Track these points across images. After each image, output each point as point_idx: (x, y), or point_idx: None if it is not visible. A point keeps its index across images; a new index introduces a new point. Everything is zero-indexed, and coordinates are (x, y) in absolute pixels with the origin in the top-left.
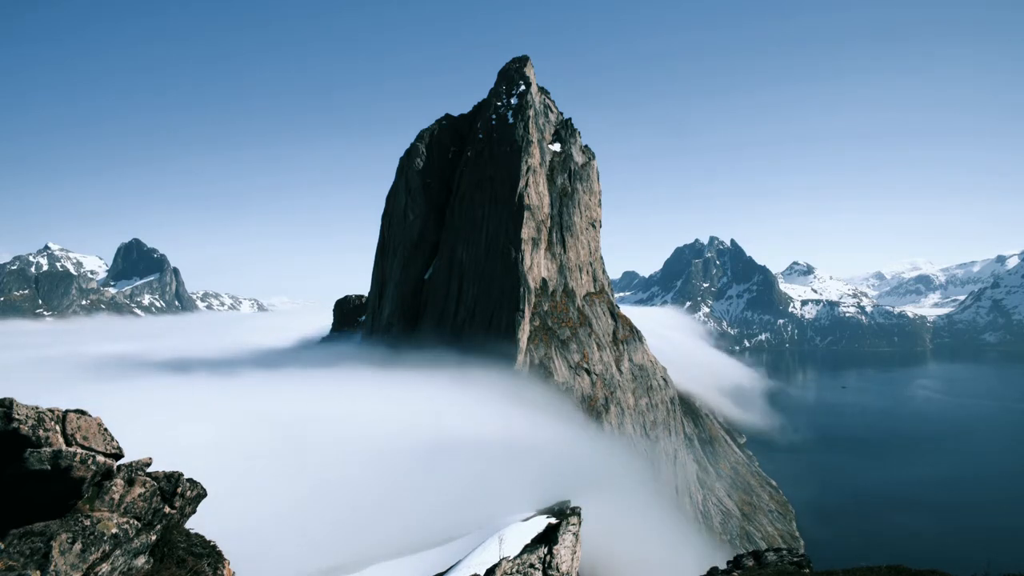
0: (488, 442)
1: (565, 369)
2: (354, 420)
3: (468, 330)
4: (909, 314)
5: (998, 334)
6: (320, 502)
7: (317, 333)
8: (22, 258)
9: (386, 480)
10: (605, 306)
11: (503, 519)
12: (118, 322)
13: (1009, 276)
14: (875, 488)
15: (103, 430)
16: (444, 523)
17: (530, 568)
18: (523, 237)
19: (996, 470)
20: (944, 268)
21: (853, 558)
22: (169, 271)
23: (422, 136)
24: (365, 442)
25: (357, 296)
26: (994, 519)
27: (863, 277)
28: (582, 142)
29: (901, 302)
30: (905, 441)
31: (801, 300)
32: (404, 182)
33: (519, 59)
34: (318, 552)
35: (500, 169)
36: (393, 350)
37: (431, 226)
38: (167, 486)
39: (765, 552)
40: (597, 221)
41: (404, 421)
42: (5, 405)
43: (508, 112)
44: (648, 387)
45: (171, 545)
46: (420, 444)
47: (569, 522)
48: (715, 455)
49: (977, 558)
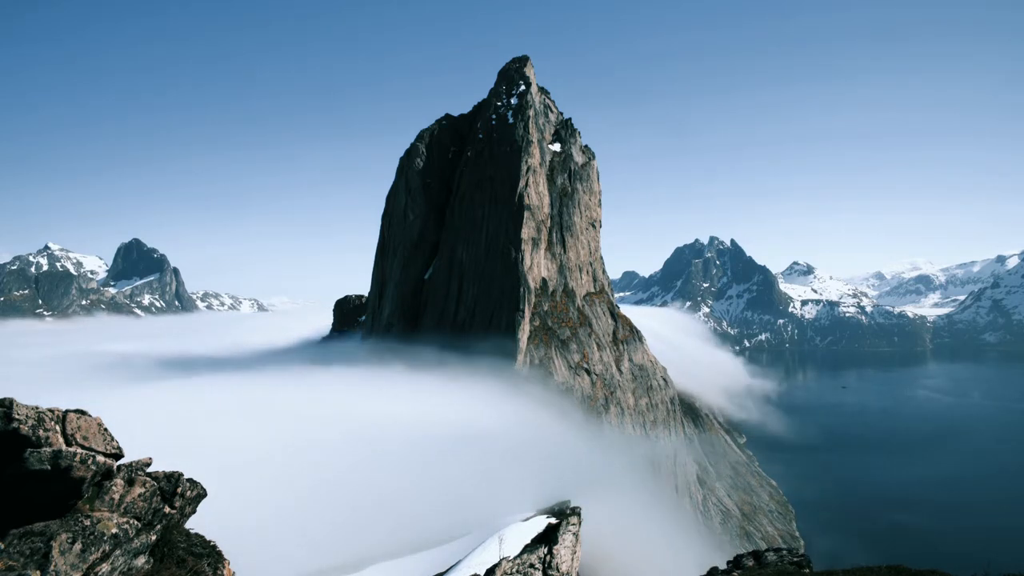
0: (488, 442)
1: (565, 369)
2: (354, 420)
3: (468, 330)
4: (909, 314)
5: (998, 334)
6: (320, 502)
7: (317, 333)
8: (22, 258)
9: (386, 480)
10: (605, 306)
11: (503, 519)
12: (118, 322)
13: (1009, 276)
14: (875, 488)
15: (103, 430)
16: (444, 523)
17: (530, 568)
18: (523, 237)
19: (996, 470)
20: (944, 268)
21: (853, 558)
22: (169, 271)
23: (422, 136)
24: (365, 442)
25: (357, 296)
26: (994, 519)
27: (863, 277)
28: (582, 142)
29: (901, 302)
30: (905, 441)
31: (801, 300)
32: (404, 182)
33: (519, 59)
34: (318, 552)
35: (500, 169)
36: (393, 350)
37: (431, 226)
38: (167, 486)
39: (765, 552)
40: (597, 221)
41: (404, 421)
42: (5, 405)
43: (508, 112)
44: (648, 387)
45: (171, 545)
46: (420, 444)
47: (569, 522)
48: (715, 455)
49: (977, 558)
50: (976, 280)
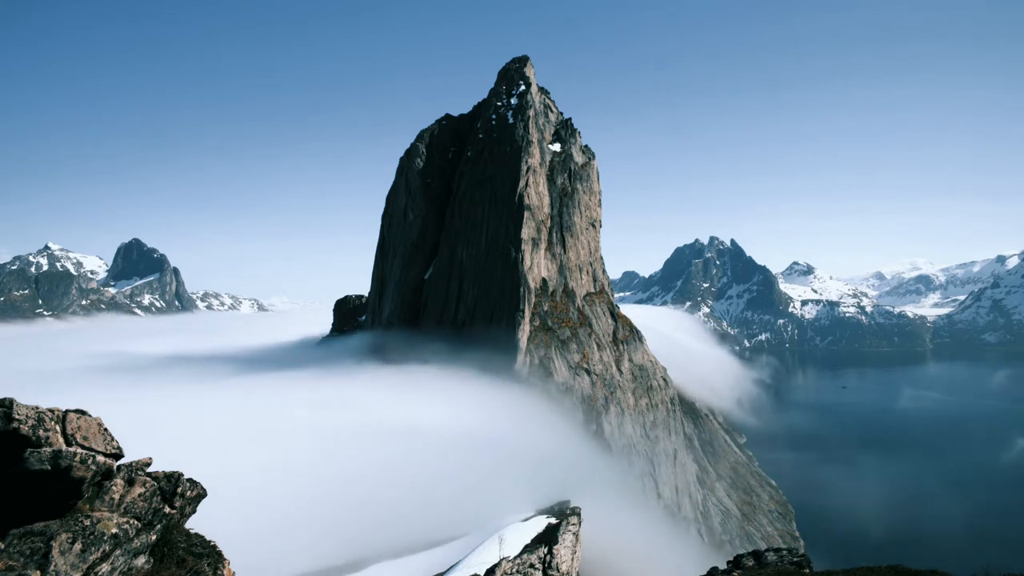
0: (487, 443)
1: (565, 369)
2: (353, 421)
3: (468, 330)
4: (909, 314)
5: (998, 334)
6: (320, 502)
7: (317, 333)
8: (22, 258)
9: (385, 480)
10: (605, 306)
11: (503, 519)
12: (118, 322)
13: (1009, 276)
14: (875, 488)
15: (103, 430)
16: (444, 523)
17: (530, 568)
18: (523, 237)
19: (996, 470)
20: (944, 268)
21: (853, 558)
22: (169, 271)
23: (422, 136)
24: (364, 442)
25: (357, 296)
26: (994, 519)
27: (863, 277)
28: (582, 142)
29: (901, 302)
30: (905, 441)
31: (801, 300)
32: (404, 182)
33: (519, 59)
34: (318, 552)
35: (500, 169)
36: (392, 350)
37: (431, 226)
38: (167, 486)
39: (765, 552)
40: (597, 221)
41: (404, 421)
42: (5, 405)
43: (508, 112)
44: (648, 387)
45: (171, 545)
46: (420, 444)
47: (569, 522)
48: (715, 455)
49: (977, 558)
50: (976, 280)
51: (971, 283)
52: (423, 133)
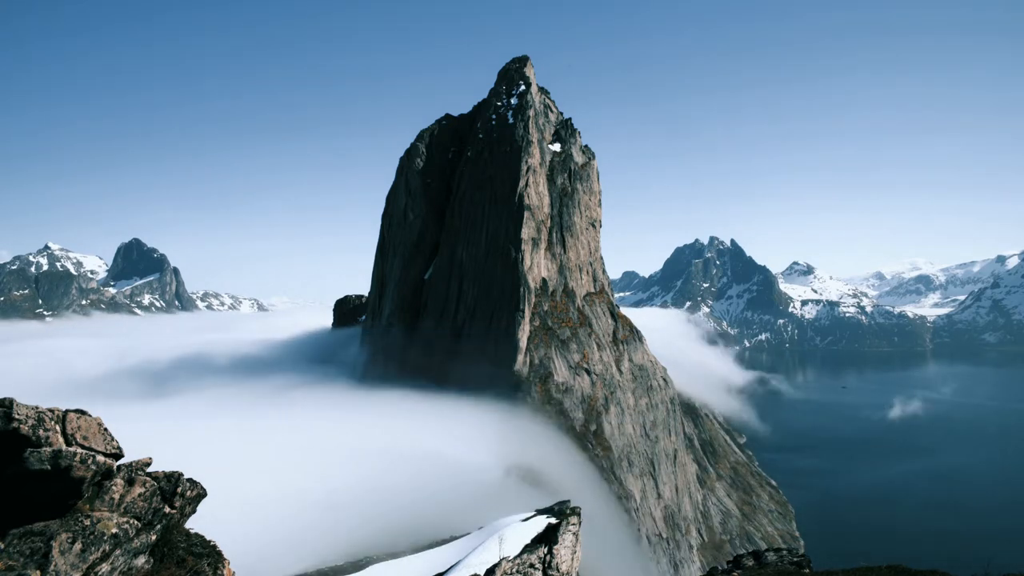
0: (486, 443)
1: (565, 369)
2: (353, 421)
3: (468, 330)
4: (909, 314)
5: (998, 334)
6: (320, 502)
7: (317, 333)
8: (22, 258)
9: (385, 480)
10: (605, 306)
11: (503, 519)
12: (118, 322)
13: (1009, 276)
14: (875, 488)
15: (103, 430)
16: (444, 523)
17: (530, 568)
18: (523, 237)
19: (996, 470)
20: (944, 268)
21: (853, 558)
22: (169, 271)
23: (422, 136)
24: (364, 443)
25: (357, 296)
26: (994, 519)
27: (863, 277)
28: (582, 142)
29: (901, 302)
30: (905, 441)
31: (801, 300)
32: (404, 182)
33: (519, 59)
34: (318, 552)
35: (500, 169)
36: (392, 351)
37: (431, 226)
38: (167, 486)
39: (765, 552)
40: (597, 221)
41: (403, 421)
42: (5, 405)
43: (508, 112)
44: (648, 387)
45: (171, 545)
46: (420, 444)
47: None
48: (715, 455)
49: (977, 558)
50: (976, 280)
51: (971, 283)
52: (423, 133)
